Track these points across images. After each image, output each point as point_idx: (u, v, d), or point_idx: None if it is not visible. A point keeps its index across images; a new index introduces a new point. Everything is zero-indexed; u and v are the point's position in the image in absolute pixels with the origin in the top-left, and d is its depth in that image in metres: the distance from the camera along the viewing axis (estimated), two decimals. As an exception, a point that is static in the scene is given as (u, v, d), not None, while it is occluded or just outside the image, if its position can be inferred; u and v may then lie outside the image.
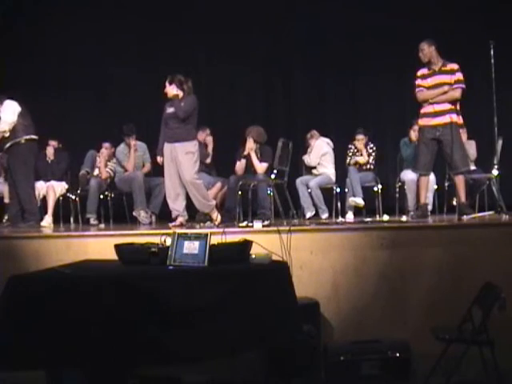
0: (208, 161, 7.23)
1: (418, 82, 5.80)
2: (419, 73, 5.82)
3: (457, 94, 5.68)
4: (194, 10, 8.22)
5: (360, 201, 6.81)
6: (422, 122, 5.82)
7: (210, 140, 7.36)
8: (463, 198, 5.80)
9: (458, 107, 5.74)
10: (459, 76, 5.69)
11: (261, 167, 6.61)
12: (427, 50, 5.72)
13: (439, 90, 5.68)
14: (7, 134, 6.06)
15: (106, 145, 7.19)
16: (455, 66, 5.72)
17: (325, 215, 6.81)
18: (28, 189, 6.22)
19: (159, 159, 5.84)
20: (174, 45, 8.20)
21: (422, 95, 5.76)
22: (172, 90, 5.70)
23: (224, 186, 6.99)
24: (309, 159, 7.22)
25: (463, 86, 5.69)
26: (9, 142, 6.07)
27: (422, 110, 5.82)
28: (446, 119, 5.67)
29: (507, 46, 6.69)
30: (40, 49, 8.08)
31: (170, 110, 5.68)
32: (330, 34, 8.16)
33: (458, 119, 5.73)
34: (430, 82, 5.74)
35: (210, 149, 7.34)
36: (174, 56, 7.97)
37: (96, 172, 7.12)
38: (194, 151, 5.67)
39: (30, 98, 7.52)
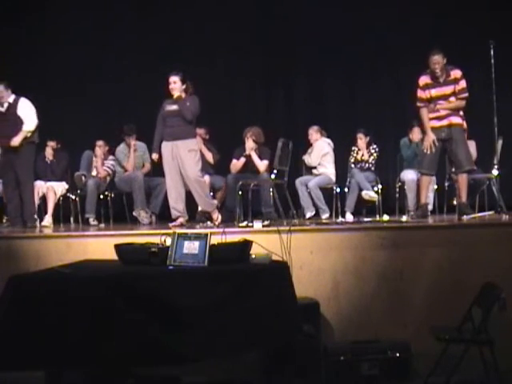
0: None
1: (420, 93, 5.73)
2: (421, 82, 5.72)
3: (462, 103, 5.67)
4: (194, 9, 8.22)
5: (373, 194, 6.79)
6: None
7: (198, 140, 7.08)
8: (464, 198, 5.79)
9: (461, 113, 5.73)
10: (463, 84, 5.63)
11: (262, 164, 6.60)
12: (442, 64, 5.60)
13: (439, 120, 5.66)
14: (30, 134, 6.10)
15: (100, 143, 7.16)
16: (458, 74, 5.64)
17: (325, 215, 6.80)
18: (32, 189, 6.25)
19: (154, 156, 5.83)
20: (174, 45, 8.19)
21: (422, 114, 5.73)
22: (181, 88, 5.69)
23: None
24: (309, 159, 7.21)
25: (467, 94, 5.65)
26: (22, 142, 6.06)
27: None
28: (451, 120, 5.66)
29: (507, 46, 6.68)
30: (38, 49, 8.07)
31: (171, 107, 5.67)
32: (331, 34, 8.14)
33: (463, 123, 5.73)
34: (433, 92, 5.67)
35: None
36: (174, 56, 7.96)
37: (94, 172, 7.11)
38: (196, 149, 5.72)
39: (28, 98, 7.52)
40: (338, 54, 8.12)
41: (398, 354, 4.20)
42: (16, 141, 6.05)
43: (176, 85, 5.67)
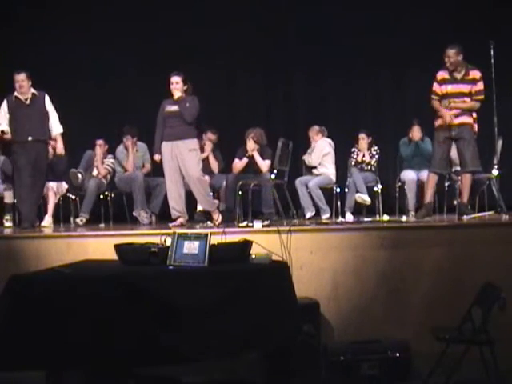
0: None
1: (435, 87, 5.69)
2: (439, 76, 5.68)
3: (477, 105, 5.64)
4: (194, 9, 8.21)
5: (366, 198, 6.79)
6: (438, 122, 5.75)
7: (207, 145, 7.12)
8: (465, 198, 5.77)
9: (474, 115, 5.69)
10: (480, 86, 5.60)
11: (265, 164, 6.59)
12: (454, 59, 5.57)
13: (452, 112, 5.59)
14: None
15: (100, 142, 7.17)
16: (477, 75, 5.61)
17: (326, 215, 6.79)
18: (42, 190, 6.24)
19: (157, 157, 5.83)
20: (174, 45, 8.19)
21: (435, 104, 5.70)
22: (183, 88, 5.69)
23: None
24: (310, 159, 7.21)
25: (483, 97, 5.63)
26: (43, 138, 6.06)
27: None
28: (462, 120, 5.63)
29: (507, 46, 6.68)
30: (38, 48, 8.05)
31: (171, 108, 5.67)
32: (330, 34, 8.14)
33: (474, 125, 5.68)
34: (450, 89, 5.63)
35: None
36: (174, 56, 7.96)
37: (95, 172, 7.11)
38: (197, 148, 5.75)
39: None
40: (338, 53, 8.13)
41: (397, 354, 4.20)
42: (62, 148, 6.22)
43: (178, 85, 5.68)
